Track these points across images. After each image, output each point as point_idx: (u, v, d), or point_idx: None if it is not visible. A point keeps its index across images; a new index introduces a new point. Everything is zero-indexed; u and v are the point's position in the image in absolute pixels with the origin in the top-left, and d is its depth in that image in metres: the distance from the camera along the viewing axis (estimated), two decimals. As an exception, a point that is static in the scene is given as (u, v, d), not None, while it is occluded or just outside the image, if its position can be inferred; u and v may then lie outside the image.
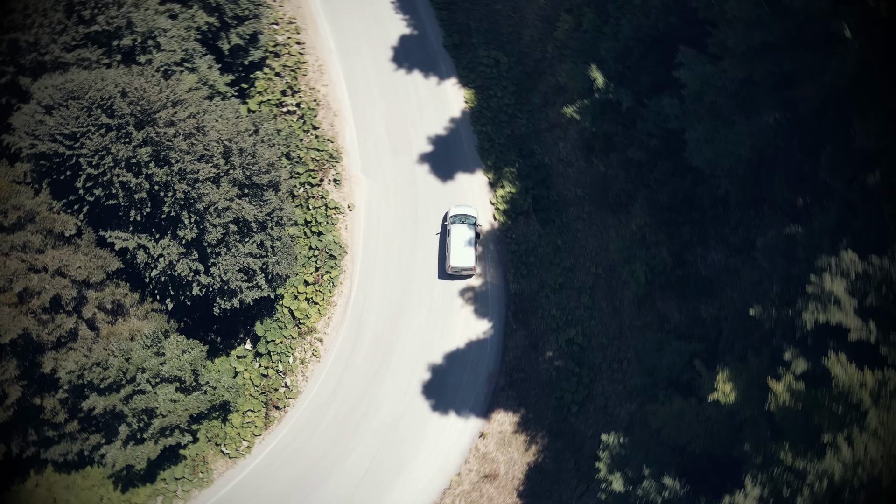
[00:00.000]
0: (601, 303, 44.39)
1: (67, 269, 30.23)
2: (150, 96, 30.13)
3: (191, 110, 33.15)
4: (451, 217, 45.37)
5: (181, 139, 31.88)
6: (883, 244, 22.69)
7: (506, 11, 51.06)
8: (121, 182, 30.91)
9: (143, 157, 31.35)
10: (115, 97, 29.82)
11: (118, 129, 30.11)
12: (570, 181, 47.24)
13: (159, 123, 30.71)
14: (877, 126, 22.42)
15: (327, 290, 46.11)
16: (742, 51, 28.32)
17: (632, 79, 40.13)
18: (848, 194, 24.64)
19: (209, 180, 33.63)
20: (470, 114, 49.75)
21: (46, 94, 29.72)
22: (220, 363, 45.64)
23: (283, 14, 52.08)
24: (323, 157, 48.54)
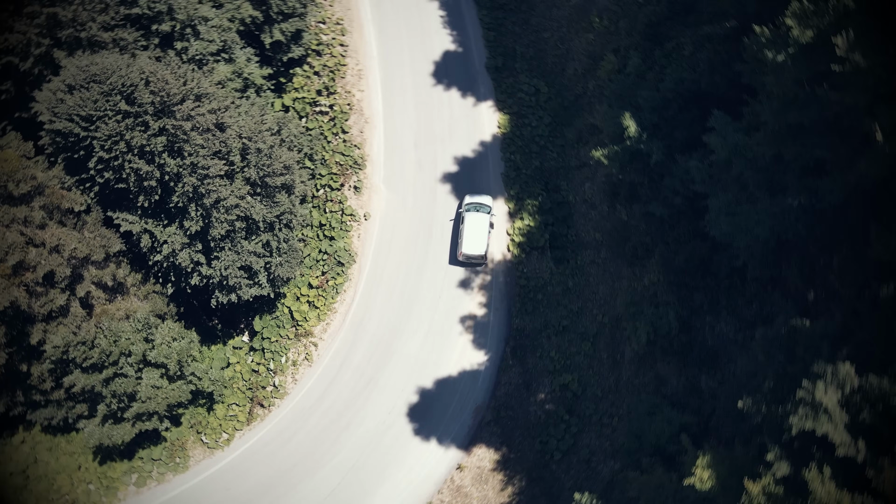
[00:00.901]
0: (602, 353, 43.22)
1: (64, 247, 30.56)
2: (171, 88, 30.21)
3: (212, 105, 33.19)
4: (466, 205, 45.30)
5: (197, 133, 31.92)
6: (886, 362, 21.30)
7: (553, 41, 50.11)
8: (132, 168, 31.12)
9: (157, 146, 31.51)
10: (138, 84, 29.99)
11: (135, 117, 30.31)
12: (590, 223, 46.11)
13: (177, 116, 30.80)
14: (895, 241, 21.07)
15: (330, 295, 45.92)
16: (775, 128, 27.02)
17: (666, 131, 38.85)
18: (857, 303, 23.22)
19: (220, 176, 33.61)
20: (501, 139, 48.97)
21: (70, 74, 30.07)
22: (215, 350, 45.83)
23: (332, 14, 52.04)
24: (347, 163, 48.35)
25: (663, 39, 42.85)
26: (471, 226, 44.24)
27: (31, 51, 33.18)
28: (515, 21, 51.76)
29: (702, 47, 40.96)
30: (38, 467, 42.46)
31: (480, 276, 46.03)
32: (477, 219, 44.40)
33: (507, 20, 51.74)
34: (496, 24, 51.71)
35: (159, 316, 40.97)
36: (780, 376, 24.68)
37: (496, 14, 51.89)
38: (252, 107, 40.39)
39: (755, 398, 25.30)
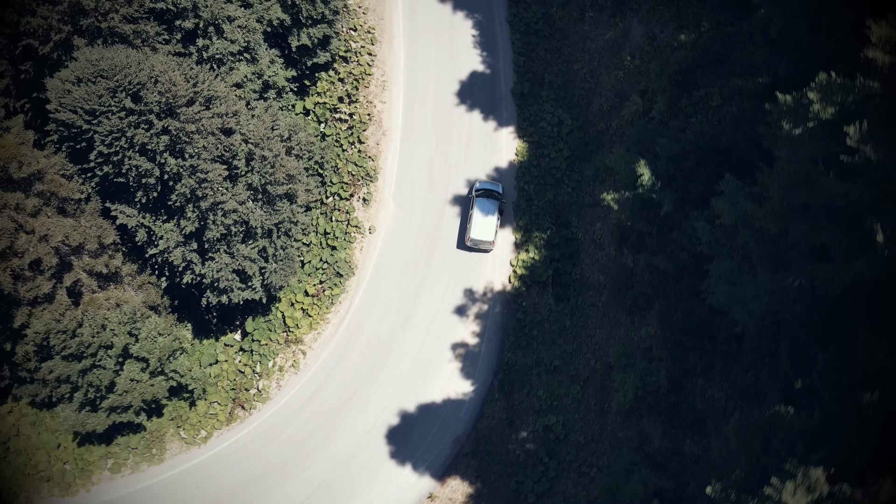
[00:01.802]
0: (590, 399, 42.18)
1: (52, 236, 30.70)
2: (178, 90, 30.13)
3: (221, 109, 33.06)
4: (477, 190, 45.40)
5: (200, 137, 31.81)
6: (862, 472, 20.10)
7: (583, 73, 49.08)
8: (131, 164, 31.13)
9: (159, 145, 31.46)
10: (146, 83, 29.96)
11: (140, 115, 30.29)
12: (596, 264, 45.06)
13: (181, 118, 30.70)
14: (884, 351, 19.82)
15: (325, 305, 45.63)
16: (782, 204, 25.85)
17: (681, 183, 37.64)
18: (838, 405, 22.01)
19: (220, 181, 33.46)
20: (517, 167, 48.16)
21: (80, 66, 30.18)
22: (207, 345, 45.89)
23: (364, 22, 51.75)
24: (359, 173, 48.02)
25: (692, 87, 41.66)
26: (480, 211, 44.59)
27: (52, 36, 33.43)
28: (548, 48, 50.83)
29: (730, 100, 39.76)
30: (20, 441, 42.94)
31: (477, 305, 45.33)
32: (487, 204, 44.79)
33: (540, 47, 50.86)
34: (528, 49, 50.85)
35: (152, 307, 41.13)
36: (754, 466, 23.55)
37: (529, 39, 51.03)
38: (266, 111, 40.25)
39: (725, 483, 24.20)
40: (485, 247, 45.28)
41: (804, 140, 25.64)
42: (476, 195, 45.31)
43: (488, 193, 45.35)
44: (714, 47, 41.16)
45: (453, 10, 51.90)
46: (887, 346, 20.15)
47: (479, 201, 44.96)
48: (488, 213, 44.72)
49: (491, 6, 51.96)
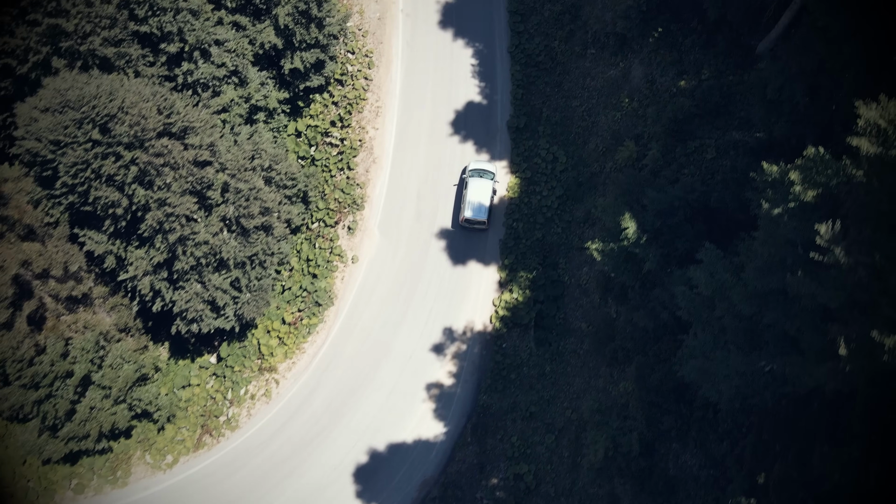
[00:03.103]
0: (564, 451, 41.00)
1: (9, 268, 30.11)
2: (148, 123, 29.42)
3: (196, 140, 32.32)
4: (470, 171, 45.44)
5: (170, 169, 31.08)
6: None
7: (581, 111, 47.83)
8: (97, 196, 30.48)
9: (127, 176, 30.79)
10: (116, 114, 29.28)
11: (107, 146, 29.64)
12: (580, 310, 43.84)
13: (149, 151, 29.99)
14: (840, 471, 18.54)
15: (302, 334, 44.83)
16: (757, 287, 24.60)
17: (667, 238, 36.35)
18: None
19: (190, 214, 32.72)
20: (507, 203, 47.03)
21: (47, 95, 29.59)
22: (182, 366, 45.30)
23: (363, 45, 50.90)
24: (346, 201, 47.17)
25: (687, 137, 40.41)
26: (474, 191, 44.48)
27: (30, 57, 32.91)
28: (548, 82, 49.64)
29: (725, 154, 38.53)
30: (-14, 453, 42.52)
31: (456, 344, 44.29)
32: (480, 184, 44.73)
33: (540, 80, 49.69)
34: (527, 81, 49.70)
35: (123, 329, 40.61)
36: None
37: (529, 71, 49.87)
38: (250, 138, 39.54)
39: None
40: (478, 226, 45.19)
41: (783, 221, 24.38)
42: (469, 175, 45.20)
43: (481, 173, 45.35)
44: (713, 98, 39.87)
45: (454, 38, 50.90)
46: (844, 465, 18.89)
47: (472, 181, 44.85)
48: (482, 193, 44.58)
49: (493, 35, 50.89)
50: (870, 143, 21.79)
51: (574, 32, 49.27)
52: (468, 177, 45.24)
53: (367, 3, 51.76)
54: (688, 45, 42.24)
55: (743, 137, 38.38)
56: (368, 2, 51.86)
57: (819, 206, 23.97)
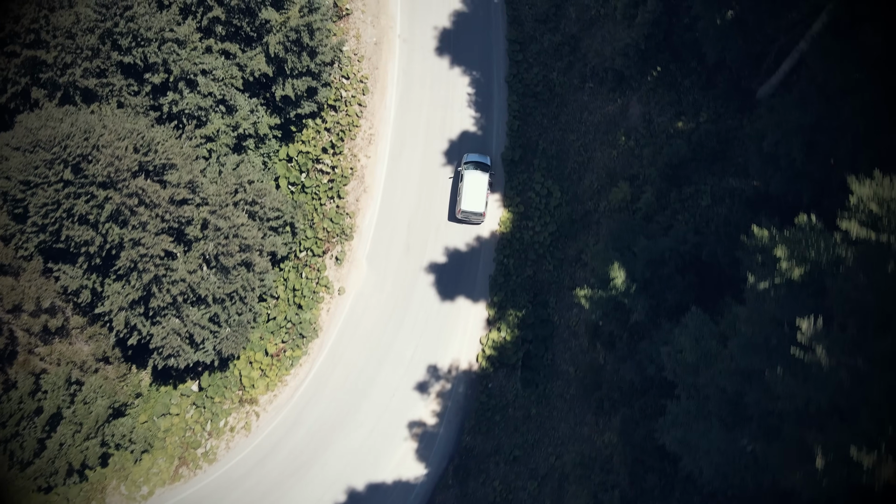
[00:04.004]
0: (546, 499, 39.97)
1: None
2: (121, 164, 28.66)
3: (174, 178, 31.53)
4: (466, 163, 45.20)
5: (145, 208, 30.33)
6: None
7: (578, 146, 46.81)
8: (69, 235, 29.77)
9: (101, 215, 30.05)
10: (90, 153, 28.54)
11: (79, 187, 28.91)
12: (568, 353, 42.83)
13: (123, 192, 29.25)
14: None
15: (284, 366, 44.04)
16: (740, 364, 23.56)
17: (657, 289, 35.30)
18: None
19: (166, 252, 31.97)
20: (498, 238, 46.09)
21: (19, 134, 28.90)
22: (163, 392, 44.61)
23: (358, 70, 50.04)
24: (335, 230, 46.34)
25: (683, 182, 39.37)
26: (470, 183, 44.08)
27: (8, 88, 32.25)
28: (545, 114, 48.66)
29: (720, 202, 37.41)
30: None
31: (441, 382, 43.39)
32: (476, 176, 44.29)
33: (537, 111, 48.72)
34: (524, 112, 48.72)
35: (102, 358, 39.96)
36: None
37: (526, 102, 48.90)
38: (235, 169, 38.79)
39: None
40: (475, 219, 44.81)
41: (769, 297, 23.35)
42: (465, 167, 44.68)
43: (477, 165, 44.83)
44: (709, 143, 38.80)
45: (451, 65, 49.99)
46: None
47: (468, 173, 44.34)
48: (478, 184, 44.07)
49: (491, 64, 49.96)
50: (860, 227, 20.74)
51: (573, 64, 48.28)
52: (464, 169, 44.86)
53: (364, 28, 50.95)
54: (687, 86, 41.17)
55: (739, 185, 37.26)
56: (365, 26, 51.04)
57: (806, 285, 22.95)
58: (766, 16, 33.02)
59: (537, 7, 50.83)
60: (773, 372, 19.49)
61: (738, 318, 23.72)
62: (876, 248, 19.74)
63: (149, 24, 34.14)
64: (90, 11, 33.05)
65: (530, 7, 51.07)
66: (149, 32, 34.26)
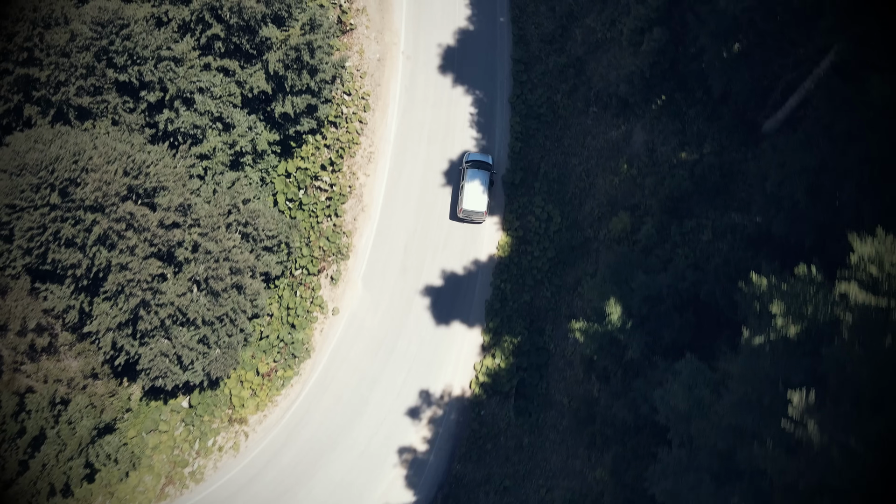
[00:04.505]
0: (535, 533, 39.35)
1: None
2: (109, 189, 28.20)
3: (164, 201, 31.06)
4: (468, 162, 45.33)
5: (134, 232, 29.88)
6: None
7: (580, 171, 46.10)
8: (55, 258, 29.36)
9: (88, 238, 29.61)
10: (77, 177, 28.11)
11: (66, 210, 28.49)
12: (563, 383, 42.14)
13: (111, 216, 28.80)
14: None
15: (275, 387, 43.54)
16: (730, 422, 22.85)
17: (653, 326, 34.61)
18: None
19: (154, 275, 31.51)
20: (496, 263, 45.44)
21: (6, 156, 28.48)
22: (153, 407, 44.21)
23: (360, 87, 49.52)
24: (331, 249, 45.81)
25: (684, 215, 38.64)
26: (472, 182, 44.27)
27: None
28: (548, 136, 47.99)
29: (722, 237, 36.68)
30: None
31: (432, 408, 42.78)
32: (478, 176, 44.53)
33: (539, 133, 48.05)
34: (526, 134, 48.04)
35: (91, 375, 39.55)
36: None
37: (529, 124, 48.23)
38: (230, 188, 38.34)
39: None
40: (477, 218, 44.85)
41: (763, 353, 22.64)
42: (467, 167, 44.80)
43: (479, 164, 44.91)
44: (712, 176, 38.06)
45: (454, 84, 49.41)
46: None
47: (470, 173, 44.47)
48: (480, 184, 44.20)
49: (494, 84, 49.34)
50: (859, 291, 20.02)
51: (578, 87, 47.60)
52: (466, 168, 44.90)
53: (367, 43, 50.42)
54: (691, 116, 40.42)
55: (741, 221, 36.53)
56: (369, 42, 50.52)
57: (802, 343, 22.23)
58: (772, 52, 32.30)
59: (544, 27, 50.21)
60: (763, 448, 18.79)
61: (731, 375, 23.00)
62: (874, 314, 19.02)
63: (145, 42, 33.72)
64: (86, 29, 32.66)
65: (537, 27, 50.46)
66: (145, 51, 33.85)
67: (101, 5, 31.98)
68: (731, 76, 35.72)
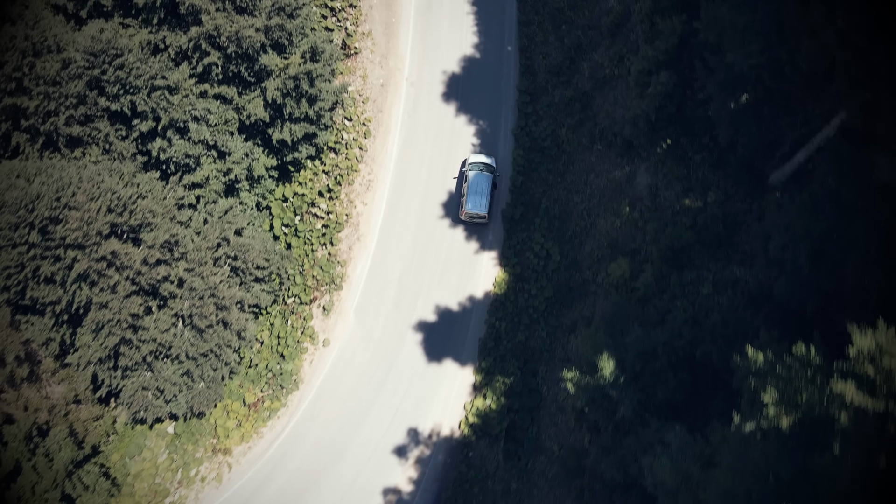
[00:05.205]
0: (518, 583, 38.41)
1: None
2: (90, 229, 27.55)
3: (149, 238, 30.39)
4: (470, 164, 45.28)
5: (115, 270, 29.21)
6: None
7: (581, 209, 45.06)
8: (33, 296, 28.75)
9: (69, 277, 28.99)
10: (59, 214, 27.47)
11: (45, 249, 27.88)
12: (554, 428, 41.14)
13: (91, 256, 28.15)
14: None
15: (261, 418, 42.83)
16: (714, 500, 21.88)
17: (647, 382, 33.59)
18: None
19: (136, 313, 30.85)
20: (492, 300, 44.49)
21: (-15, 193, 27.95)
22: (139, 431, 43.58)
23: (362, 112, 48.74)
24: (325, 279, 45.05)
25: (684, 266, 37.58)
26: (474, 185, 44.23)
27: (-13, 133, 31.36)
28: (551, 170, 46.97)
29: (722, 291, 35.64)
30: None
31: (420, 448, 41.92)
32: (480, 178, 44.41)
33: (542, 167, 47.03)
34: (529, 167, 47.04)
35: (75, 400, 39.01)
36: None
37: (532, 156, 47.23)
38: (221, 217, 37.66)
39: None
40: (479, 220, 44.80)
41: (754, 441, 21.63)
42: (469, 169, 44.72)
43: (481, 167, 44.86)
44: (715, 228, 36.99)
45: (457, 112, 48.55)
46: None
47: (472, 175, 44.39)
48: (482, 186, 44.17)
49: (499, 115, 48.43)
50: (856, 392, 18.99)
51: (583, 122, 46.58)
52: (468, 170, 44.75)
53: (371, 68, 49.65)
54: (697, 162, 39.34)
55: (743, 276, 35.42)
56: (373, 66, 49.75)
57: (795, 435, 21.21)
58: (780, 109, 31.21)
59: (551, 58, 49.23)
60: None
61: (719, 464, 22.00)
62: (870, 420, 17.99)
63: (139, 71, 33.07)
64: (78, 56, 32.04)
65: (544, 57, 49.49)
66: (138, 80, 33.22)
67: (93, 34, 31.36)
68: (739, 127, 34.66)
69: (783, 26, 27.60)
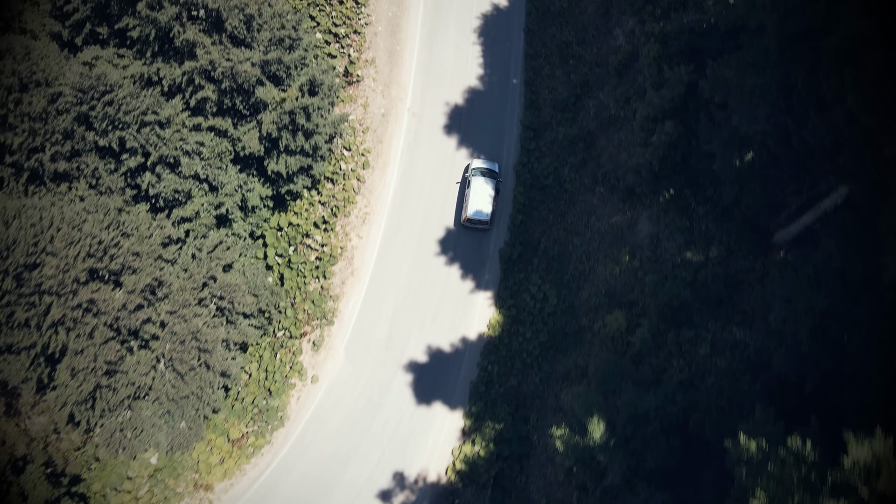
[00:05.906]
0: None
1: None
2: (67, 277, 26.80)
3: (131, 282, 29.60)
4: (473, 169, 45.06)
5: (91, 317, 28.45)
6: None
7: (580, 252, 43.94)
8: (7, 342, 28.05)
9: (44, 320, 28.26)
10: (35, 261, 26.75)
11: (19, 296, 27.19)
12: (543, 480, 40.04)
13: (66, 304, 27.41)
14: None
15: (245, 455, 41.98)
16: None
17: (637, 447, 32.47)
18: None
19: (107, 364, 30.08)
20: (485, 342, 43.48)
21: (-39, 236, 27.26)
22: (121, 461, 42.78)
23: (361, 142, 47.85)
24: (316, 314, 44.17)
25: (683, 324, 36.41)
26: (476, 190, 43.94)
27: (-30, 167, 30.71)
28: (552, 209, 45.90)
29: (720, 353, 34.48)
30: None
31: (405, 493, 40.94)
32: (483, 183, 44.15)
33: (542, 206, 45.97)
34: (529, 206, 45.98)
35: (55, 430, 38.33)
36: None
37: (533, 195, 46.18)
38: (210, 252, 36.87)
39: None
40: (481, 226, 44.47)
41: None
42: (472, 174, 44.48)
43: (485, 172, 44.61)
44: (716, 286, 35.77)
45: (458, 146, 47.60)
46: None
47: (475, 180, 44.16)
48: (485, 191, 43.88)
49: (501, 149, 47.45)
50: (847, 510, 17.88)
51: (586, 162, 45.52)
52: (471, 175, 44.45)
53: (373, 97, 48.78)
54: (700, 214, 38.16)
55: (743, 338, 34.27)
56: (375, 95, 48.87)
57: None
58: (786, 174, 30.03)
59: (557, 93, 48.20)
60: None
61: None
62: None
63: (129, 107, 32.35)
64: (67, 91, 31.34)
65: (550, 91, 48.47)
66: (127, 116, 32.47)
67: (82, 71, 30.64)
68: (743, 185, 33.51)
69: (791, 93, 26.45)
